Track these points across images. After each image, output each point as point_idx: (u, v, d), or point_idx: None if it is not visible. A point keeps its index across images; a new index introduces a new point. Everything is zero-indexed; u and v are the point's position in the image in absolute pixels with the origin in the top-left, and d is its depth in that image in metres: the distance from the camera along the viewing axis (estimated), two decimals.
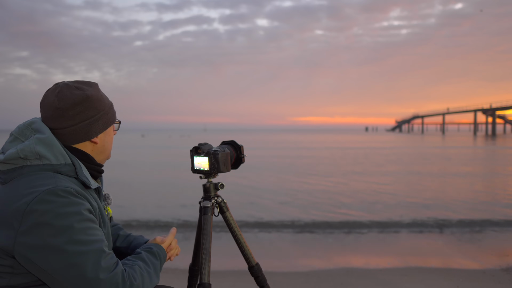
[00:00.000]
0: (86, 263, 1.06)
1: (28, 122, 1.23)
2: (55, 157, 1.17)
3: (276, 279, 3.73)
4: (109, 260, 1.11)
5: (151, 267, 1.27)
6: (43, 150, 1.16)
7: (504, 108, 72.09)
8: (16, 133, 1.22)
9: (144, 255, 1.30)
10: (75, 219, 1.08)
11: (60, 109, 1.22)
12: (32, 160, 1.15)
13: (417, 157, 23.62)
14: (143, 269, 1.22)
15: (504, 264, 4.34)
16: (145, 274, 1.21)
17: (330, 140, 52.95)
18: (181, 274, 3.17)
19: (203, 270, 1.49)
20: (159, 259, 1.34)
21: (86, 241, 1.08)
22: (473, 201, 9.51)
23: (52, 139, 1.19)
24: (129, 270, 1.17)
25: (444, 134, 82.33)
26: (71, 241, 1.06)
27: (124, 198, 9.46)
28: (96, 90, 1.30)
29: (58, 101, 1.22)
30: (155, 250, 1.35)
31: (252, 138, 62.69)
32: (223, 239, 5.71)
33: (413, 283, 3.72)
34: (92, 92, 1.27)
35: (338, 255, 5.16)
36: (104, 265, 1.09)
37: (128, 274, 1.15)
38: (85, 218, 1.11)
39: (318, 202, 9.39)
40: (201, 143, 1.59)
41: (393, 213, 8.06)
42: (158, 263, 1.32)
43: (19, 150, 1.15)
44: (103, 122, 1.29)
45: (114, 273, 1.10)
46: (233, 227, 1.65)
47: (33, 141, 1.16)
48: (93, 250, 1.09)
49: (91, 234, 1.10)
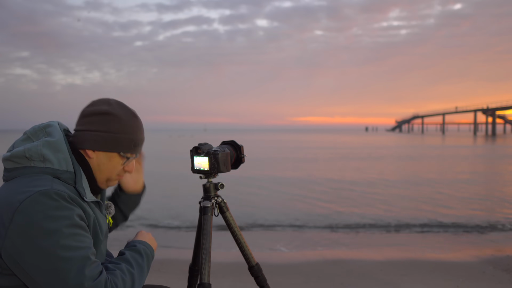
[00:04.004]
0: (70, 269, 1.05)
1: (44, 125, 1.24)
2: (58, 162, 1.17)
3: (276, 279, 3.72)
4: (94, 268, 1.09)
5: (134, 268, 1.24)
6: (48, 153, 1.16)
7: (504, 108, 72.09)
8: (29, 133, 1.22)
9: (128, 255, 1.27)
10: (64, 223, 1.07)
11: (82, 113, 1.26)
12: (36, 161, 1.15)
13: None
14: (125, 272, 1.19)
15: (504, 264, 4.34)
16: (126, 278, 1.18)
17: (336, 141, 52.92)
18: (181, 274, 3.17)
19: (203, 270, 1.49)
20: (145, 255, 1.31)
21: (73, 247, 1.07)
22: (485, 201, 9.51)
23: (60, 144, 1.18)
24: (111, 277, 1.14)
25: (444, 134, 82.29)
26: (58, 245, 1.05)
27: None
28: (126, 115, 1.26)
29: (87, 106, 1.27)
30: (140, 247, 1.32)
31: (252, 138, 62.68)
32: (223, 239, 5.71)
33: (413, 283, 3.72)
34: (117, 112, 1.24)
35: (338, 255, 5.15)
36: (88, 274, 1.07)
37: (111, 281, 1.13)
38: (75, 224, 1.09)
39: (322, 202, 9.38)
40: (201, 143, 1.58)
41: (394, 214, 8.07)
42: (143, 261, 1.29)
43: (26, 150, 1.16)
44: (107, 142, 1.23)
45: (97, 281, 1.08)
46: (233, 227, 1.65)
47: (41, 143, 1.17)
48: (79, 256, 1.07)
49: (78, 240, 1.09)
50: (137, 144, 1.29)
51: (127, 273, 1.20)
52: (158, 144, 45.34)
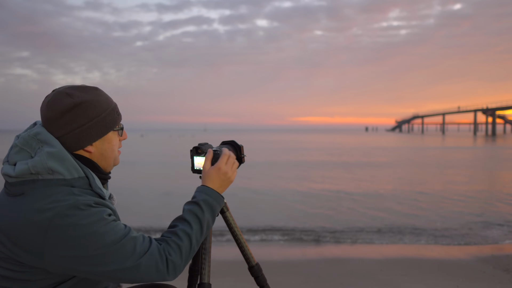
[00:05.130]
0: (123, 257, 1.11)
1: (34, 133, 1.16)
2: (68, 172, 1.14)
3: (276, 279, 3.73)
4: (142, 243, 1.16)
5: (193, 225, 1.26)
6: (55, 165, 1.12)
7: (504, 108, 72.09)
8: (21, 144, 1.16)
9: (185, 212, 1.30)
10: (99, 225, 1.09)
11: (50, 119, 1.17)
12: (44, 175, 1.12)
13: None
14: (180, 236, 1.23)
15: (504, 264, 4.34)
16: (182, 243, 1.21)
17: (335, 141, 52.96)
18: (181, 274, 3.17)
19: (203, 270, 1.49)
20: (205, 206, 1.32)
21: (115, 240, 1.11)
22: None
23: (63, 152, 1.15)
24: (164, 245, 1.20)
25: (444, 134, 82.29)
26: (102, 244, 1.09)
27: (121, 199, 9.46)
28: (92, 95, 1.22)
29: (47, 110, 1.18)
30: (199, 198, 1.33)
31: (252, 138, 62.69)
32: (223, 239, 5.71)
33: (413, 283, 3.72)
34: (84, 98, 1.19)
35: (338, 255, 5.16)
36: (139, 250, 1.13)
37: (163, 249, 1.18)
38: (109, 221, 1.12)
39: (320, 203, 9.38)
40: (201, 143, 1.58)
41: (394, 214, 8.07)
42: (204, 213, 1.30)
43: (31, 167, 1.10)
44: (97, 129, 1.21)
45: (149, 252, 1.15)
46: (233, 227, 1.65)
47: (44, 156, 1.12)
48: (124, 243, 1.12)
49: (118, 231, 1.13)
50: (117, 110, 1.30)
51: (182, 236, 1.23)
52: (158, 144, 45.34)
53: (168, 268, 1.17)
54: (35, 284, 1.12)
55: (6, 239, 1.09)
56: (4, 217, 1.11)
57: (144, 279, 1.15)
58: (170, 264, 1.18)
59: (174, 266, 1.19)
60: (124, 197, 9.54)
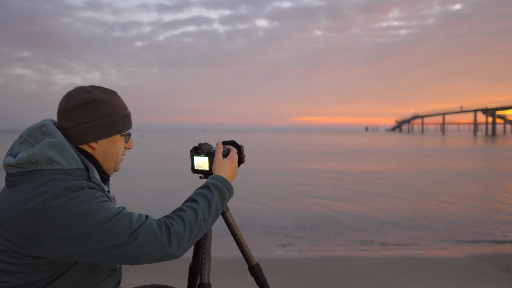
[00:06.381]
0: (118, 234, 1.10)
1: (39, 125, 1.20)
2: (67, 162, 1.16)
3: (276, 279, 3.73)
4: (138, 218, 1.15)
5: (199, 202, 1.26)
6: (55, 155, 1.14)
7: (504, 108, 72.08)
8: (25, 135, 1.19)
9: (193, 194, 1.31)
10: (91, 203, 1.10)
11: (64, 109, 1.22)
12: (43, 165, 1.13)
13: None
14: (185, 209, 1.23)
15: (504, 264, 4.34)
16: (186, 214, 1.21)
17: (334, 142, 52.95)
18: (181, 274, 3.17)
19: (203, 270, 1.49)
20: (214, 187, 1.33)
21: (109, 217, 1.10)
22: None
23: (63, 143, 1.17)
24: (165, 218, 1.20)
25: (444, 134, 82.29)
26: (95, 223, 1.08)
27: (121, 199, 9.47)
28: (108, 96, 1.26)
29: (64, 101, 1.23)
30: (208, 182, 1.35)
31: (253, 138, 62.70)
32: (223, 239, 5.71)
33: (413, 283, 3.72)
34: (100, 96, 1.23)
35: (338, 254, 5.15)
36: (135, 225, 1.12)
37: (163, 221, 1.18)
38: (102, 200, 1.13)
39: (322, 202, 9.38)
40: (201, 143, 1.58)
41: (394, 214, 8.07)
42: (212, 193, 1.31)
43: (31, 155, 1.12)
44: (106, 128, 1.24)
45: (146, 223, 1.14)
46: (233, 227, 1.65)
47: (45, 146, 1.14)
48: (119, 218, 1.12)
49: (111, 208, 1.13)
50: (130, 118, 1.33)
51: (186, 209, 1.24)
52: (158, 144, 45.35)
53: (170, 239, 1.14)
54: (33, 277, 1.11)
55: (5, 230, 1.10)
56: (3, 209, 1.12)
57: (145, 253, 1.11)
58: (173, 234, 1.15)
59: (177, 236, 1.15)
60: (122, 202, 9.55)
